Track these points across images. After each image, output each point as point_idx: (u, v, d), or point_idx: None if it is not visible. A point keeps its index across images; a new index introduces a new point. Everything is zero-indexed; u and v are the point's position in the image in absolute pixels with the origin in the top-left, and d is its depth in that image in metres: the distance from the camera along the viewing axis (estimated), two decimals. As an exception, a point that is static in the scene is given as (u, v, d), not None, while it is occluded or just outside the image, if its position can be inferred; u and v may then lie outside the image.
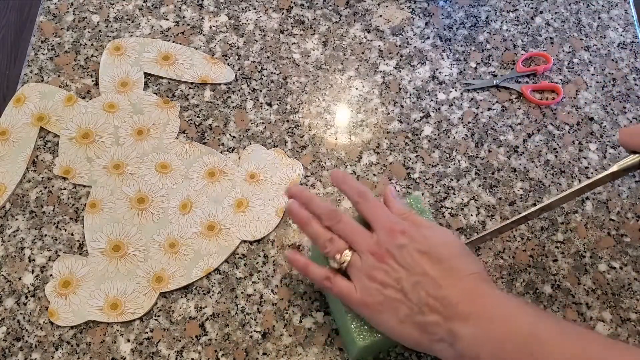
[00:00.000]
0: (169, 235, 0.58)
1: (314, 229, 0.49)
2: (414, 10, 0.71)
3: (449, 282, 0.44)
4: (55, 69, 0.66)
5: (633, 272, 0.57)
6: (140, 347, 0.53)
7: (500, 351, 0.41)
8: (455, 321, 0.43)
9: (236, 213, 0.59)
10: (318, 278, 0.48)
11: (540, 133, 0.64)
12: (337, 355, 0.53)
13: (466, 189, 0.61)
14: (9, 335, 0.54)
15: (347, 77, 0.67)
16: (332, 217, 0.49)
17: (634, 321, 0.55)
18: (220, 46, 0.68)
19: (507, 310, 0.43)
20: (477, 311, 0.43)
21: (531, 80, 0.67)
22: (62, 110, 0.63)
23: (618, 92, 0.66)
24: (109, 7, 0.69)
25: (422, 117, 0.65)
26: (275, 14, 0.70)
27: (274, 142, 0.63)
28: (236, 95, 0.65)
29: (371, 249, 0.47)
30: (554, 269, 0.57)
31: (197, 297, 0.55)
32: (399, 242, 0.46)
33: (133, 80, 0.65)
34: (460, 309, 0.43)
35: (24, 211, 0.59)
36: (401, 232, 0.47)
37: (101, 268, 0.56)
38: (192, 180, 0.60)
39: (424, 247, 0.46)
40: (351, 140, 0.63)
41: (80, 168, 0.60)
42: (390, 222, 0.48)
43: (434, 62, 0.68)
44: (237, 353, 0.53)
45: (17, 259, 0.57)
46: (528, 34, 0.70)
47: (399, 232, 0.47)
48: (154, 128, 0.63)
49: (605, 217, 0.60)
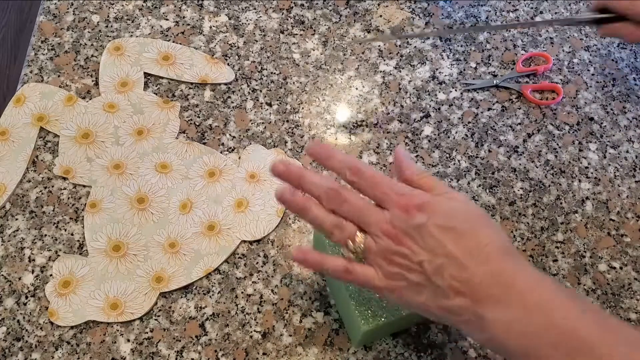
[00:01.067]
0: (169, 235, 0.58)
1: (315, 214, 0.44)
2: (414, 10, 0.71)
3: (475, 261, 0.40)
4: (55, 69, 0.66)
5: (633, 272, 0.57)
6: (140, 347, 0.53)
7: (531, 344, 0.38)
8: (484, 305, 0.39)
9: (236, 213, 0.59)
10: (337, 272, 0.44)
11: (540, 133, 0.64)
12: (337, 355, 0.53)
13: (466, 189, 0.61)
14: (9, 335, 0.54)
15: (347, 77, 0.67)
16: (334, 199, 0.43)
17: (634, 321, 0.55)
18: (220, 46, 0.68)
19: (544, 297, 0.39)
20: (508, 296, 0.39)
21: (531, 80, 0.67)
22: (62, 110, 0.63)
23: (618, 92, 0.66)
24: (109, 7, 0.69)
25: (422, 117, 0.65)
26: (275, 14, 0.70)
27: (274, 142, 0.63)
28: (236, 95, 0.65)
29: (386, 230, 0.42)
30: (554, 269, 0.57)
31: (197, 297, 0.55)
32: (417, 221, 0.41)
33: (133, 80, 0.65)
34: (490, 292, 0.39)
35: (24, 211, 0.59)
36: (417, 208, 0.41)
37: (101, 268, 0.56)
38: (192, 180, 0.60)
39: (444, 222, 0.41)
40: (351, 140, 0.63)
41: (80, 168, 0.60)
42: (402, 196, 0.42)
43: (434, 62, 0.68)
44: (237, 353, 0.53)
45: (17, 259, 0.57)
46: (528, 34, 0.70)
47: (415, 208, 0.41)
48: (154, 128, 0.63)
49: (605, 217, 0.60)
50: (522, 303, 0.39)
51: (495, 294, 0.39)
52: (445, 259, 0.40)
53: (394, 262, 0.42)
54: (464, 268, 0.40)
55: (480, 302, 0.39)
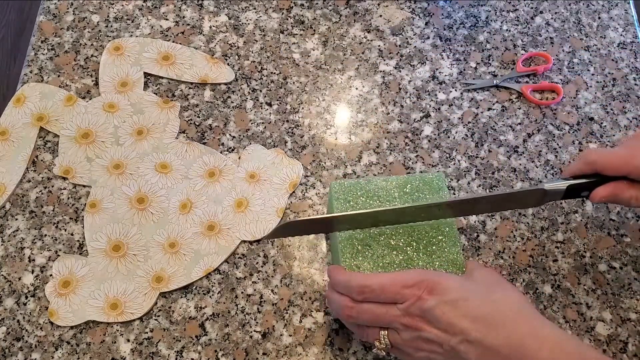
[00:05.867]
0: (169, 235, 0.58)
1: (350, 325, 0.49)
2: (414, 10, 0.71)
3: (492, 332, 0.42)
4: (55, 69, 0.66)
5: (633, 272, 0.57)
6: (140, 347, 0.53)
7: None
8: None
9: (236, 213, 0.59)
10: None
11: (540, 133, 0.64)
12: (337, 355, 0.53)
13: (466, 189, 0.61)
14: (9, 335, 0.54)
15: (347, 77, 0.67)
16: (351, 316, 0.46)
17: (634, 321, 0.55)
18: (220, 46, 0.68)
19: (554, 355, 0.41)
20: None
21: (531, 80, 0.67)
22: (62, 110, 0.63)
23: (618, 92, 0.66)
24: (109, 7, 0.69)
25: (422, 117, 0.65)
26: (275, 14, 0.70)
27: (274, 142, 0.63)
28: (236, 95, 0.65)
29: (404, 323, 0.45)
30: (554, 269, 0.57)
31: (197, 297, 0.55)
32: (427, 305, 0.43)
33: (133, 80, 0.65)
34: (504, 355, 0.41)
35: (23, 211, 0.59)
36: (428, 292, 0.44)
37: (101, 268, 0.56)
38: (192, 180, 0.60)
39: (451, 297, 0.43)
40: (351, 140, 0.63)
41: (80, 168, 0.60)
42: (412, 287, 0.45)
43: (434, 62, 0.68)
44: (237, 353, 0.53)
45: (17, 259, 0.57)
46: (528, 34, 0.70)
47: (425, 293, 0.44)
48: (154, 128, 0.63)
49: (605, 217, 0.60)
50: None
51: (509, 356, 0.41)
52: (461, 336, 0.42)
53: (419, 347, 0.45)
54: (479, 342, 0.42)
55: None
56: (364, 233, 0.51)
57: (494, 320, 0.43)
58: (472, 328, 0.42)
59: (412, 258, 0.50)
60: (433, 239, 0.51)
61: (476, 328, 0.42)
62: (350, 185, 0.53)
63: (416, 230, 0.51)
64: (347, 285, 0.46)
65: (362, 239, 0.51)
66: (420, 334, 0.44)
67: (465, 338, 0.42)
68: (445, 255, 0.50)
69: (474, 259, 0.57)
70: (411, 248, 0.51)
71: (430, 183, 0.53)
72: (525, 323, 0.43)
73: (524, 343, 0.41)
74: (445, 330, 0.43)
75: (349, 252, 0.50)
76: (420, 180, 0.53)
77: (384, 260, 0.50)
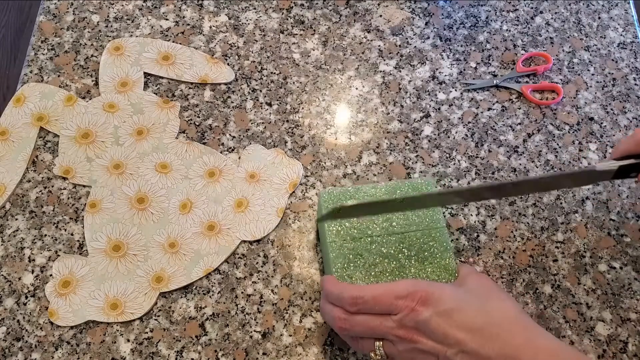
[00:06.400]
0: (169, 235, 0.58)
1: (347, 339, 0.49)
2: (414, 10, 0.71)
3: (487, 343, 0.42)
4: (55, 69, 0.66)
5: (633, 272, 0.57)
6: (140, 347, 0.53)
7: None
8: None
9: (236, 213, 0.59)
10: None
11: (540, 133, 0.64)
12: (337, 355, 0.53)
13: (466, 189, 0.61)
14: (9, 335, 0.54)
15: (347, 77, 0.67)
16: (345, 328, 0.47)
17: (634, 321, 0.55)
18: (220, 46, 0.68)
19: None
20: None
21: (531, 80, 0.67)
22: (62, 110, 0.63)
23: (618, 92, 0.66)
24: (109, 7, 0.69)
25: (422, 117, 0.65)
26: (275, 14, 0.70)
27: (274, 142, 0.63)
28: (236, 95, 0.65)
29: (398, 335, 0.45)
30: (554, 269, 0.57)
31: (197, 297, 0.55)
32: (421, 317, 0.44)
33: (133, 80, 0.65)
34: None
35: (23, 211, 0.59)
36: (421, 303, 0.44)
37: (101, 268, 0.56)
38: (192, 180, 0.60)
39: (445, 307, 0.44)
40: (351, 140, 0.63)
41: (80, 168, 0.60)
42: (405, 299, 0.45)
43: (434, 62, 0.68)
44: (237, 353, 0.53)
45: (17, 259, 0.57)
46: (528, 34, 0.70)
47: (418, 304, 0.44)
48: (154, 128, 0.63)
49: (605, 217, 0.60)
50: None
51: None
52: (458, 347, 0.43)
53: (416, 358, 0.45)
54: (475, 353, 0.42)
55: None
56: (354, 242, 0.51)
57: (489, 331, 0.43)
58: (468, 339, 0.42)
59: (404, 265, 0.50)
60: (424, 245, 0.51)
61: (472, 339, 0.42)
62: (339, 194, 0.53)
63: (407, 237, 0.51)
64: (339, 296, 0.46)
65: (354, 248, 0.51)
66: (415, 346, 0.44)
67: (462, 349, 0.42)
68: (437, 261, 0.50)
69: (474, 259, 0.57)
70: (403, 255, 0.51)
71: (420, 189, 0.53)
72: (520, 333, 0.43)
73: (519, 354, 0.42)
74: (441, 341, 0.43)
75: (341, 262, 0.50)
76: (409, 186, 0.53)
77: (375, 269, 0.50)
